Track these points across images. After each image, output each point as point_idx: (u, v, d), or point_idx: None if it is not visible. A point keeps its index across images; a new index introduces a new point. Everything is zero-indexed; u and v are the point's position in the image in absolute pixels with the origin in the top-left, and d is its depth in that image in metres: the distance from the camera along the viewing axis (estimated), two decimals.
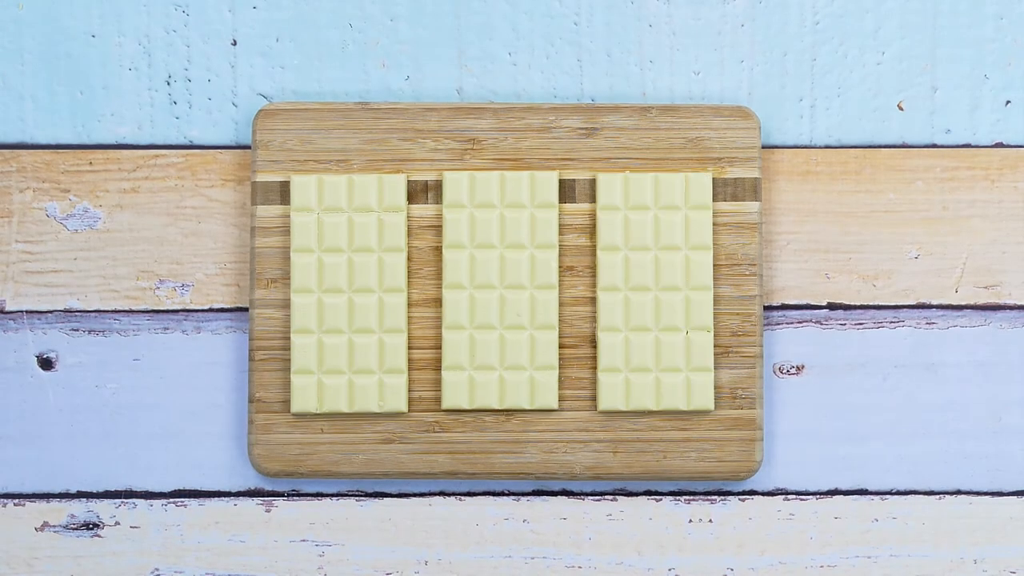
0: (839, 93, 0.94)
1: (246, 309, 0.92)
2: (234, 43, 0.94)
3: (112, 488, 0.92)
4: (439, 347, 0.91)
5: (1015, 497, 0.93)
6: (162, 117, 0.93)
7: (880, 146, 0.94)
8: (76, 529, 0.92)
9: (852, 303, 0.93)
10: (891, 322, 0.93)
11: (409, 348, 0.91)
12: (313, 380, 0.90)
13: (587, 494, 0.93)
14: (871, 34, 0.94)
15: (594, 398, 0.91)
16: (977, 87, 0.94)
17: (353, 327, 0.91)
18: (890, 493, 0.93)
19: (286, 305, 0.91)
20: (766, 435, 0.92)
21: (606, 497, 0.93)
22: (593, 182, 0.92)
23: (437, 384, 0.91)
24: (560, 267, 0.92)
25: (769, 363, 0.93)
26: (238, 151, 0.93)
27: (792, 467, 0.93)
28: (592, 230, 0.92)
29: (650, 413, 0.91)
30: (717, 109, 0.92)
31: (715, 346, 0.91)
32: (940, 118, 0.94)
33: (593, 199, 0.91)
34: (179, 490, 0.92)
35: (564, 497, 0.92)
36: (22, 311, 0.93)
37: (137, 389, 0.92)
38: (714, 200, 0.91)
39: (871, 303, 0.93)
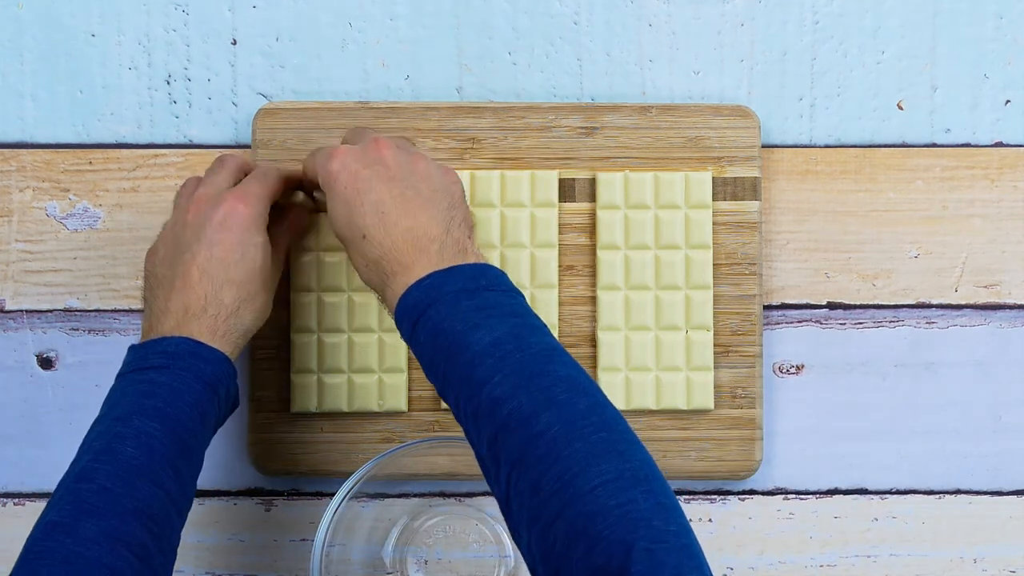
0: (839, 92, 0.94)
1: None
2: (234, 43, 0.94)
3: None
4: None
5: (1015, 497, 0.93)
6: (162, 116, 0.93)
7: (880, 145, 0.94)
8: None
9: (852, 302, 0.93)
10: (891, 321, 0.93)
11: None
12: (313, 379, 0.90)
13: None
14: (871, 33, 0.94)
15: None
16: (977, 86, 0.94)
17: (353, 326, 0.90)
18: (890, 493, 0.93)
19: (286, 304, 0.91)
20: (766, 434, 0.92)
21: None
22: (593, 181, 0.92)
23: None
24: (560, 266, 0.91)
25: (769, 362, 0.93)
26: (238, 150, 0.93)
27: (792, 466, 0.93)
28: (592, 229, 0.92)
29: (650, 412, 0.91)
30: (717, 108, 0.92)
31: (715, 345, 0.91)
32: (940, 117, 0.94)
33: (593, 198, 0.91)
34: None
35: None
36: (22, 310, 0.93)
37: None
38: (714, 199, 0.91)
39: (871, 302, 0.93)
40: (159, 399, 0.76)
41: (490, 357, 0.72)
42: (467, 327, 0.73)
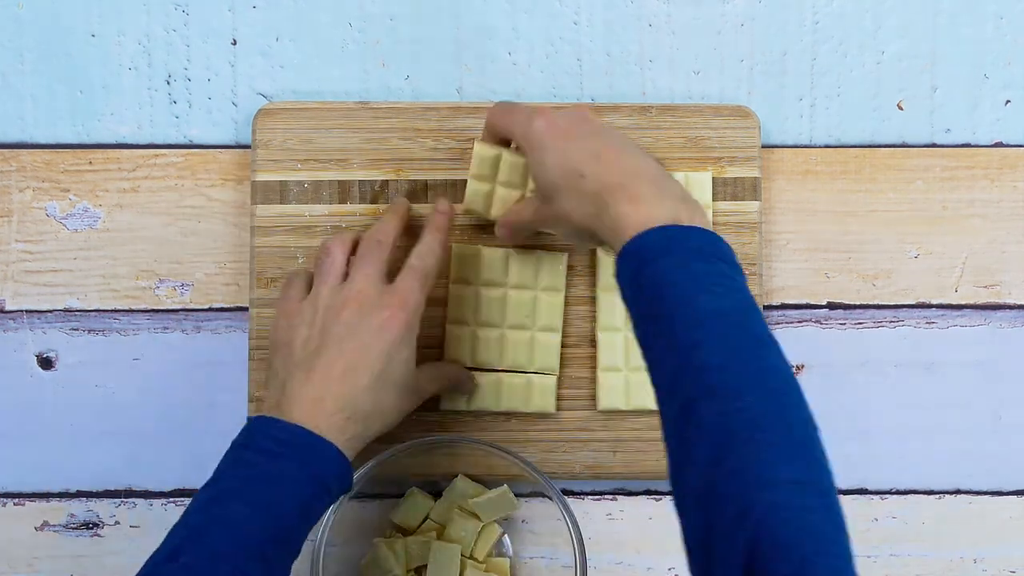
0: (839, 93, 0.94)
1: (246, 308, 0.92)
2: (234, 43, 0.94)
3: (112, 488, 0.92)
4: (439, 346, 0.91)
5: (1015, 497, 0.93)
6: (162, 117, 0.93)
7: (880, 146, 0.94)
8: (76, 529, 0.92)
9: (852, 303, 0.93)
10: (891, 322, 0.93)
11: None
12: None
13: (587, 493, 0.93)
14: (871, 34, 0.94)
15: (594, 397, 0.91)
16: (977, 87, 0.94)
17: None
18: (890, 492, 0.93)
19: None
20: None
21: (606, 496, 0.93)
22: None
23: None
24: None
25: None
26: (238, 151, 0.93)
27: None
28: None
29: (650, 412, 0.91)
30: (717, 108, 0.92)
31: None
32: (940, 117, 0.94)
33: None
34: (179, 490, 0.92)
35: (564, 496, 0.92)
36: (22, 311, 0.93)
37: (137, 389, 0.92)
38: (714, 199, 0.91)
39: (871, 303, 0.93)
40: (262, 485, 0.75)
41: (710, 323, 0.70)
42: (697, 289, 0.71)
